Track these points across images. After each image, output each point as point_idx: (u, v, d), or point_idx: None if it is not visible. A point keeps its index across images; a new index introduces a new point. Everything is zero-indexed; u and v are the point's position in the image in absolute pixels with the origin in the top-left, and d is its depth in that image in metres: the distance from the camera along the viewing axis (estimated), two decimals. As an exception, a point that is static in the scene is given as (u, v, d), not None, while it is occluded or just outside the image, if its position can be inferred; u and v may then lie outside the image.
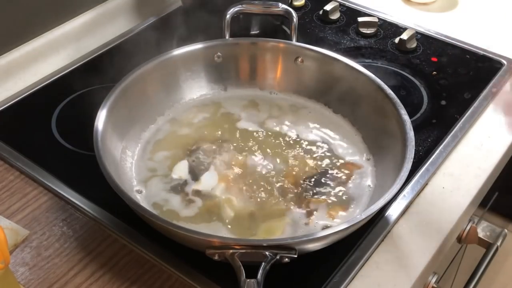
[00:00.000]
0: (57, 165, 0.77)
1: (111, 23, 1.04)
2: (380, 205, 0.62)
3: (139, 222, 0.65)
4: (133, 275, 0.65)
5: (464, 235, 0.86)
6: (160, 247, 0.67)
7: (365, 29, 1.03)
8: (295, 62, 0.84)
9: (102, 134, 0.69)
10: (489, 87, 0.91)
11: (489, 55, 0.98)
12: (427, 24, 1.06)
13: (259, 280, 0.56)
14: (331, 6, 1.06)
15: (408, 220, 0.72)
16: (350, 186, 0.73)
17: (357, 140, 0.79)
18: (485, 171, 0.79)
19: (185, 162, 0.75)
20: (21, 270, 0.66)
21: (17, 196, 0.74)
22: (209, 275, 0.64)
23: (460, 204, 0.75)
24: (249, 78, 0.86)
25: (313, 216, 0.69)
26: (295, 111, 0.83)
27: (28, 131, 0.83)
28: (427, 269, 0.68)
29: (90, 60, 0.97)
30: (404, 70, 0.95)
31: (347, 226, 0.60)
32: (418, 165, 0.78)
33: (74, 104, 0.87)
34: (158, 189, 0.72)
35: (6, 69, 0.92)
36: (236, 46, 0.85)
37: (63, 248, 0.68)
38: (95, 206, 0.72)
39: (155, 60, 0.80)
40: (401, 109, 0.73)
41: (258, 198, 0.71)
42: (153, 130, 0.80)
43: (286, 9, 0.84)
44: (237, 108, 0.84)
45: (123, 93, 0.75)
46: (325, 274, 0.65)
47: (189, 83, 0.84)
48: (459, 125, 0.84)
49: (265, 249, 0.58)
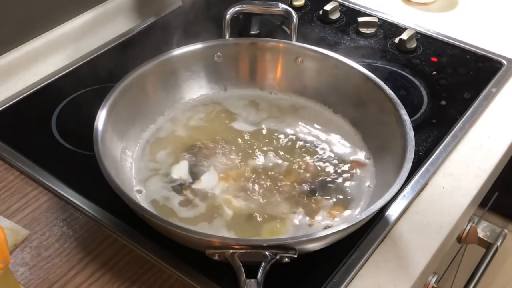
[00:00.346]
0: (57, 165, 0.77)
1: (111, 23, 1.04)
2: (380, 205, 0.62)
3: (139, 222, 0.65)
4: (133, 275, 0.65)
5: (464, 235, 0.86)
6: (160, 247, 0.67)
7: (365, 29, 1.03)
8: (295, 62, 0.84)
9: (102, 134, 0.69)
10: (489, 87, 0.91)
11: (489, 55, 0.98)
12: (427, 24, 1.06)
13: (259, 280, 0.56)
14: (331, 6, 1.06)
15: (408, 220, 0.72)
16: (350, 186, 0.73)
17: (357, 140, 0.79)
18: (485, 171, 0.79)
19: (185, 162, 0.75)
20: (21, 270, 0.66)
21: (17, 196, 0.74)
22: (209, 275, 0.64)
23: (460, 204, 0.75)
24: (249, 78, 0.86)
25: (315, 216, 0.69)
26: (295, 111, 0.83)
27: (28, 131, 0.83)
28: (427, 269, 0.68)
29: (90, 60, 0.97)
30: (404, 70, 0.95)
31: (347, 226, 0.60)
32: (418, 165, 0.78)
33: (74, 104, 0.87)
34: (158, 189, 0.72)
35: (6, 69, 0.91)
36: (236, 46, 0.85)
37: (63, 248, 0.68)
38: (95, 206, 0.72)
39: (155, 60, 0.80)
40: (401, 109, 0.73)
41: (259, 199, 0.71)
42: (153, 130, 0.80)
43: (286, 9, 0.84)
44: (237, 108, 0.84)
45: (123, 93, 0.75)
46: (325, 274, 0.65)
47: (189, 83, 0.84)
48: (459, 125, 0.84)
49: (265, 249, 0.58)
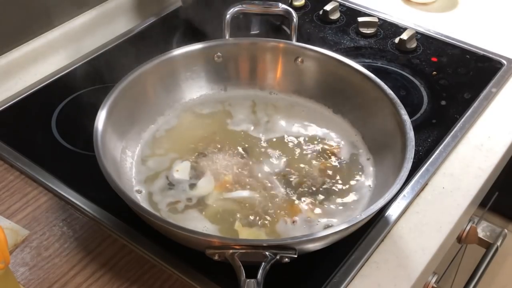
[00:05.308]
0: (57, 165, 0.77)
1: (111, 23, 1.04)
2: (380, 205, 0.62)
3: (139, 222, 0.65)
4: (133, 275, 0.65)
5: (464, 235, 0.86)
6: (160, 247, 0.67)
7: (365, 29, 1.03)
8: (295, 62, 0.84)
9: (102, 134, 0.69)
10: (489, 87, 0.91)
11: (489, 55, 0.98)
12: (427, 24, 1.06)
13: (259, 280, 0.56)
14: (331, 6, 1.06)
15: (408, 220, 0.72)
16: (350, 186, 0.73)
17: (357, 140, 0.79)
18: (485, 171, 0.79)
19: (184, 162, 0.75)
20: (21, 270, 0.66)
21: (17, 196, 0.74)
22: (209, 275, 0.64)
23: (460, 204, 0.75)
24: (249, 78, 0.86)
25: (313, 216, 0.69)
26: (294, 111, 0.83)
27: (28, 131, 0.83)
28: (427, 269, 0.68)
29: (90, 60, 0.96)
30: (404, 70, 0.95)
31: (347, 226, 0.60)
32: (418, 165, 0.78)
33: (74, 104, 0.87)
34: (158, 189, 0.72)
35: (6, 69, 0.92)
36: (236, 46, 0.85)
37: (63, 248, 0.68)
38: (95, 206, 0.72)
39: (155, 60, 0.80)
40: (401, 109, 0.73)
41: (257, 200, 0.71)
42: (153, 130, 0.80)
43: (286, 9, 0.84)
44: (237, 108, 0.84)
45: (123, 93, 0.75)
46: (325, 274, 0.65)
47: (189, 83, 0.84)
48: (459, 125, 0.84)
49: (265, 249, 0.58)
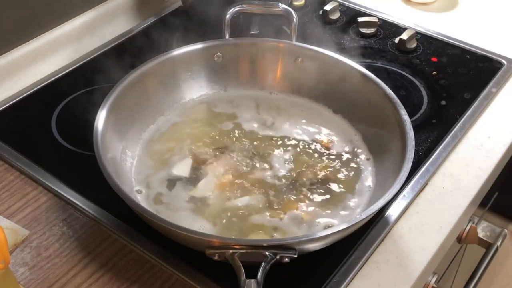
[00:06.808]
0: (57, 165, 0.77)
1: (111, 23, 1.04)
2: (380, 205, 0.62)
3: (139, 222, 0.65)
4: (133, 275, 0.65)
5: (464, 235, 0.86)
6: (160, 247, 0.67)
7: (365, 29, 1.03)
8: (295, 62, 0.84)
9: (102, 134, 0.69)
10: (489, 87, 0.91)
11: (489, 55, 0.98)
12: (427, 24, 1.06)
13: (259, 280, 0.56)
14: (331, 6, 1.06)
15: (408, 220, 0.72)
16: (350, 186, 0.73)
17: (357, 140, 0.79)
18: (485, 171, 0.79)
19: (185, 162, 0.75)
20: (21, 270, 0.66)
21: (17, 196, 0.74)
22: (209, 275, 0.64)
23: (460, 204, 0.75)
24: (249, 78, 0.86)
25: (313, 216, 0.69)
26: (294, 111, 0.83)
27: (28, 131, 0.83)
28: (427, 269, 0.68)
29: (90, 60, 0.96)
30: (404, 70, 0.95)
31: (347, 226, 0.60)
32: (418, 165, 0.78)
33: (74, 104, 0.87)
34: (158, 189, 0.72)
35: (6, 69, 0.92)
36: (236, 46, 0.85)
37: (63, 248, 0.68)
38: (95, 206, 0.72)
39: (155, 60, 0.80)
40: (401, 109, 0.73)
41: (257, 199, 0.71)
42: (153, 130, 0.80)
43: (286, 9, 0.84)
44: (237, 108, 0.84)
45: (123, 93, 0.75)
46: (325, 274, 0.65)
47: (189, 83, 0.84)
48: (459, 125, 0.84)
49: (265, 249, 0.58)
